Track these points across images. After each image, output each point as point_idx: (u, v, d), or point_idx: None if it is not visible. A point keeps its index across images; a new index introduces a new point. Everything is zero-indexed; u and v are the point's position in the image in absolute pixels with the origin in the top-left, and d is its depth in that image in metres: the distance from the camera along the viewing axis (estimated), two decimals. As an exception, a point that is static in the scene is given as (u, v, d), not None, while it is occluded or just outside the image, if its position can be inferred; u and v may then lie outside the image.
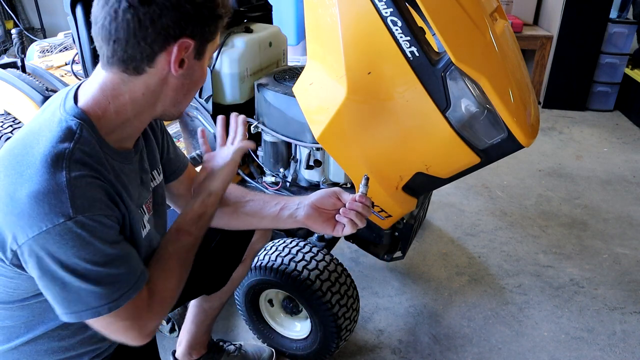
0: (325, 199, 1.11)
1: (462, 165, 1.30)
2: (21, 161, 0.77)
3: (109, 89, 0.84)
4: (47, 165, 0.76)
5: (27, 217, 0.74)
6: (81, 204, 0.76)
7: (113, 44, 0.79)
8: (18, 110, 1.84)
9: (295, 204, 1.14)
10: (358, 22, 1.19)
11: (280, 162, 1.71)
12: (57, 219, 0.74)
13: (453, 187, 2.74)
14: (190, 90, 0.90)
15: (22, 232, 0.75)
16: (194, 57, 0.85)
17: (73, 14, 1.65)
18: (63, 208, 0.74)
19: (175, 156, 1.17)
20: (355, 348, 1.73)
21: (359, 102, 1.25)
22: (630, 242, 2.35)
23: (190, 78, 0.87)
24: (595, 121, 3.84)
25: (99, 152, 0.84)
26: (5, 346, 0.94)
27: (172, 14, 0.77)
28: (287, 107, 1.54)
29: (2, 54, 4.54)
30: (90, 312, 0.81)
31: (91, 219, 0.77)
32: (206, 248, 1.28)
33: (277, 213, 1.16)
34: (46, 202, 0.74)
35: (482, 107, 1.16)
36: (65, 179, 0.76)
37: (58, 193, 0.75)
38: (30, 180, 0.75)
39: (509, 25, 1.38)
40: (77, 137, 0.80)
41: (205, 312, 1.45)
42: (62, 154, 0.77)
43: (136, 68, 0.81)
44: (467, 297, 1.97)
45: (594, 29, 3.72)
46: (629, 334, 1.81)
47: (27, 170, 0.76)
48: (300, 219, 1.12)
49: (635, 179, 2.96)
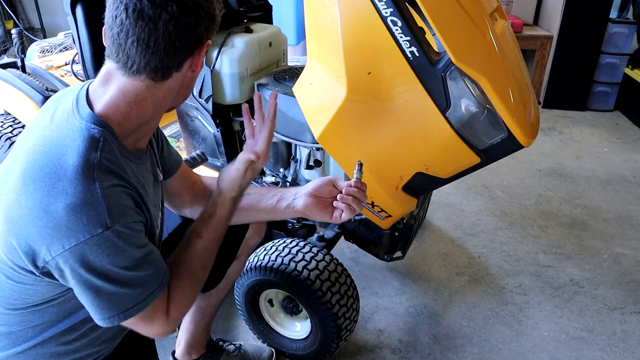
0: (322, 187, 1.12)
1: (462, 165, 1.30)
2: (50, 173, 0.77)
3: (132, 96, 0.84)
4: (80, 177, 0.77)
5: (65, 229, 0.75)
6: (117, 213, 0.79)
7: (151, 55, 0.79)
8: (18, 110, 1.84)
9: (292, 195, 1.15)
10: (358, 22, 1.19)
11: (280, 162, 1.71)
12: (96, 229, 0.76)
13: (453, 187, 2.74)
14: (193, 82, 0.94)
15: (58, 244, 0.76)
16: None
17: (73, 14, 1.65)
18: (101, 218, 0.76)
19: (169, 154, 1.18)
20: (355, 348, 1.73)
21: (359, 102, 1.25)
22: (630, 242, 2.35)
23: (194, 75, 0.92)
24: (595, 121, 3.84)
25: (120, 158, 0.85)
26: (11, 351, 0.94)
27: (207, 22, 0.82)
28: (287, 107, 1.54)
29: (2, 54, 4.54)
30: (122, 315, 0.84)
31: (126, 227, 0.80)
32: None
33: (274, 204, 1.16)
34: (84, 213, 0.76)
35: (482, 107, 1.16)
36: (100, 189, 0.77)
37: (95, 204, 0.76)
38: (64, 192, 0.76)
39: (509, 25, 1.38)
40: (102, 145, 0.81)
41: (203, 311, 1.45)
42: (92, 165, 0.78)
43: (165, 75, 0.84)
44: (467, 297, 1.97)
45: (594, 29, 3.72)
46: (629, 334, 1.81)
47: (59, 183, 0.76)
48: (299, 209, 1.13)
49: (635, 179, 2.96)
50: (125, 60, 0.81)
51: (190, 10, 0.79)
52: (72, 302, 0.89)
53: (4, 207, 0.81)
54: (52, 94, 1.77)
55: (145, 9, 0.76)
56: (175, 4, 0.77)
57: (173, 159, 1.19)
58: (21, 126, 1.86)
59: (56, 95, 0.94)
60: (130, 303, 0.84)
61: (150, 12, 0.76)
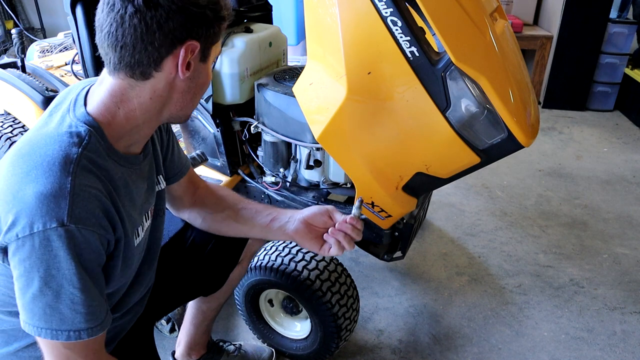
0: (317, 215, 1.11)
1: (462, 165, 1.30)
2: (28, 161, 0.77)
3: (117, 95, 0.84)
4: (54, 169, 0.76)
5: (26, 215, 0.74)
6: (78, 214, 0.76)
7: (120, 49, 0.78)
8: (18, 110, 1.84)
9: (286, 217, 1.14)
10: (358, 22, 1.19)
11: (280, 162, 1.71)
12: (51, 222, 0.74)
13: (453, 187, 2.74)
14: (196, 93, 0.89)
15: (17, 228, 0.75)
16: (199, 60, 0.85)
17: (73, 14, 1.65)
18: (60, 213, 0.74)
19: (178, 160, 1.17)
20: (355, 348, 1.73)
21: (359, 102, 1.25)
22: (630, 242, 2.34)
23: (196, 81, 0.87)
24: (595, 121, 3.84)
25: (106, 160, 0.84)
26: (4, 350, 0.94)
27: (179, 17, 0.77)
28: (287, 107, 1.54)
29: (2, 54, 4.54)
30: (51, 332, 0.79)
31: (80, 232, 0.76)
32: (203, 250, 1.28)
33: (267, 224, 1.16)
34: (46, 204, 0.74)
35: (482, 107, 1.16)
36: (70, 185, 0.76)
37: (59, 198, 0.75)
38: (36, 180, 0.75)
39: (509, 25, 1.38)
40: (85, 144, 0.80)
41: (204, 313, 1.45)
42: (71, 160, 0.77)
43: (143, 73, 0.81)
44: (467, 297, 1.97)
45: (594, 29, 3.72)
46: (629, 334, 1.81)
47: (35, 171, 0.76)
48: (289, 233, 1.13)
49: (635, 179, 2.96)
50: (105, 56, 0.82)
51: (157, 5, 0.75)
52: None
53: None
54: (52, 93, 1.77)
55: (115, 3, 0.76)
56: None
57: (182, 165, 1.18)
58: (21, 126, 1.86)
59: (63, 92, 0.94)
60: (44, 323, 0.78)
61: (118, 6, 0.76)
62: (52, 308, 0.78)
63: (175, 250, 1.28)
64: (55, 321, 0.78)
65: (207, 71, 0.89)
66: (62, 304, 0.78)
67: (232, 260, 1.34)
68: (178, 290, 1.31)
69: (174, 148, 1.15)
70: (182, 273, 1.29)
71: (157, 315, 1.32)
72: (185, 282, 1.31)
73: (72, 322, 0.79)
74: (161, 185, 1.09)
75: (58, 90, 1.81)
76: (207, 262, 1.30)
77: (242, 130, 1.78)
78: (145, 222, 1.00)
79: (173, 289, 1.29)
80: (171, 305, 1.35)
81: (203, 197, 1.24)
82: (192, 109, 0.92)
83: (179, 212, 1.26)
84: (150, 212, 1.02)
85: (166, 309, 1.35)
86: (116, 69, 0.81)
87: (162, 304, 1.28)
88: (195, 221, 1.25)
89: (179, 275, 1.29)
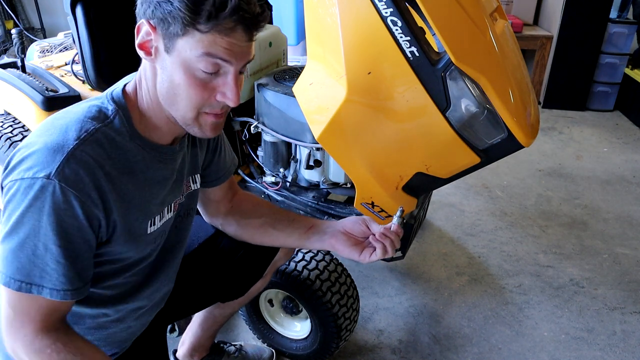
0: (355, 226, 1.12)
1: (462, 165, 1.30)
2: (54, 122, 0.82)
3: (140, 74, 0.88)
4: (68, 130, 0.79)
5: (24, 162, 0.77)
6: (66, 174, 0.76)
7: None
8: (18, 110, 1.84)
9: (325, 227, 1.15)
10: (358, 22, 1.18)
11: (280, 162, 1.71)
12: (39, 172, 0.75)
13: (453, 187, 2.74)
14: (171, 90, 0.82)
15: (14, 173, 0.78)
16: (164, 49, 0.79)
17: (73, 14, 1.65)
18: (50, 166, 0.75)
19: (224, 162, 1.17)
20: (355, 348, 1.73)
21: (359, 102, 1.25)
22: (630, 242, 2.34)
23: (166, 73, 0.81)
24: (595, 121, 3.84)
25: (127, 141, 0.85)
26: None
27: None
28: (287, 107, 1.54)
29: (2, 54, 4.54)
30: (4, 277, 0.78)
31: (62, 191, 0.75)
32: (231, 258, 1.27)
33: (304, 232, 1.16)
34: (44, 154, 0.76)
35: (482, 107, 1.16)
36: (73, 146, 0.77)
37: (57, 153, 0.76)
38: (49, 135, 0.79)
39: (509, 25, 1.38)
40: (108, 122, 0.83)
41: (215, 318, 1.44)
42: (86, 128, 0.80)
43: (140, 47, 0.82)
44: (467, 297, 1.97)
45: (594, 29, 3.72)
46: (629, 334, 1.81)
47: (52, 128, 0.80)
48: (328, 242, 1.13)
49: (635, 179, 2.96)
50: None
51: None
52: None
53: None
54: (52, 94, 1.76)
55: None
56: None
57: (226, 170, 1.18)
58: (21, 126, 1.86)
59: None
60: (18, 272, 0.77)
61: None
62: (14, 254, 0.78)
63: (202, 257, 1.27)
64: (13, 268, 0.78)
65: (178, 68, 0.79)
66: (23, 252, 0.78)
67: (257, 272, 1.33)
68: (198, 295, 1.30)
69: (222, 152, 1.15)
70: (206, 279, 1.28)
71: (173, 317, 1.31)
72: (207, 288, 1.30)
73: (27, 274, 0.78)
74: (195, 185, 1.08)
75: (58, 90, 1.81)
76: (232, 270, 1.28)
77: (242, 130, 1.78)
78: (167, 213, 0.98)
79: (193, 294, 1.28)
80: (188, 309, 1.34)
81: (240, 202, 1.24)
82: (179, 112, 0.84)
83: (213, 218, 1.24)
84: (174, 205, 1.00)
85: (183, 313, 1.34)
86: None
87: (180, 308, 1.27)
88: (229, 227, 1.23)
89: (202, 281, 1.28)
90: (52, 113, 1.80)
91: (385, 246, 1.06)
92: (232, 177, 1.23)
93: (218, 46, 0.77)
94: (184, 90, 0.81)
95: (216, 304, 1.39)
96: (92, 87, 1.84)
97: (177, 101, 0.83)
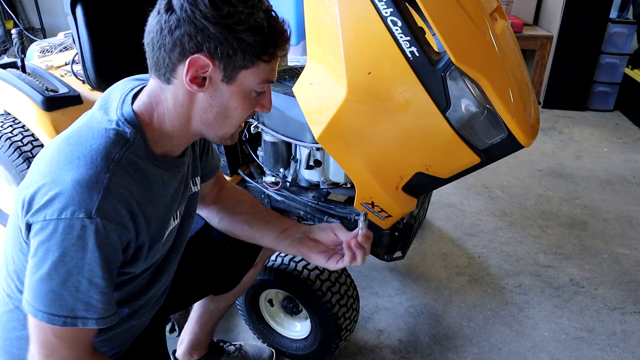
0: (324, 233, 1.14)
1: (462, 165, 1.30)
2: (74, 150, 0.80)
3: (152, 96, 0.87)
4: (96, 162, 0.79)
5: (57, 200, 0.76)
6: (106, 210, 0.78)
7: (150, 49, 0.83)
8: (18, 110, 1.84)
9: (296, 232, 1.17)
10: (358, 22, 1.18)
11: (280, 162, 1.71)
12: (79, 212, 0.76)
13: (453, 187, 2.74)
14: (222, 115, 0.87)
15: (45, 211, 0.77)
16: (221, 80, 0.83)
17: (73, 14, 1.65)
18: (90, 205, 0.76)
19: (211, 159, 1.18)
20: (355, 348, 1.73)
21: (359, 102, 1.25)
22: (630, 242, 2.35)
23: (220, 101, 0.85)
24: (595, 121, 3.84)
25: (147, 163, 0.86)
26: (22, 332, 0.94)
27: (187, 27, 0.77)
28: (287, 107, 1.54)
29: (2, 54, 4.54)
30: (48, 317, 0.80)
31: (104, 227, 0.78)
32: (220, 249, 1.29)
33: (277, 235, 1.19)
34: (80, 192, 0.76)
35: (482, 107, 1.16)
36: (107, 181, 0.78)
37: (93, 190, 0.77)
38: (77, 168, 0.78)
39: (509, 25, 1.38)
40: (129, 145, 0.83)
41: (211, 313, 1.45)
42: (112, 157, 0.80)
43: (164, 75, 0.83)
44: (467, 297, 1.97)
45: (594, 29, 3.72)
46: (629, 334, 1.81)
47: (77, 160, 0.79)
48: (297, 247, 1.16)
49: (635, 179, 2.96)
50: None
51: (172, 10, 0.77)
52: None
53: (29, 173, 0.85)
54: (52, 94, 1.76)
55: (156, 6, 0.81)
56: (166, 1, 0.79)
57: (213, 166, 1.20)
58: (21, 126, 1.86)
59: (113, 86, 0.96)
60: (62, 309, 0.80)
61: (157, 8, 0.81)
62: (55, 293, 0.79)
63: (193, 248, 1.28)
64: (55, 306, 0.79)
65: (237, 95, 0.85)
66: (66, 290, 0.79)
67: (248, 262, 1.35)
68: (191, 287, 1.32)
69: (209, 149, 1.16)
70: (198, 271, 1.30)
71: (168, 311, 1.32)
72: (199, 279, 1.32)
73: (71, 309, 0.80)
74: (196, 188, 1.09)
75: (58, 90, 1.81)
76: (223, 261, 1.31)
77: (241, 130, 1.78)
78: (173, 222, 1.00)
79: (187, 286, 1.30)
80: (182, 302, 1.36)
81: (224, 197, 1.26)
82: (223, 131, 0.91)
83: (199, 210, 1.27)
84: (179, 213, 1.03)
85: (177, 306, 1.35)
86: (150, 69, 0.85)
87: (174, 301, 1.28)
88: (213, 220, 1.27)
89: (194, 272, 1.30)
90: (52, 113, 1.81)
91: (353, 254, 1.08)
92: (220, 173, 1.26)
93: (273, 71, 0.87)
94: (238, 113, 0.89)
95: (210, 298, 1.40)
96: (92, 87, 1.84)
97: (226, 123, 0.89)
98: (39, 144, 1.82)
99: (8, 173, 1.89)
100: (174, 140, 0.91)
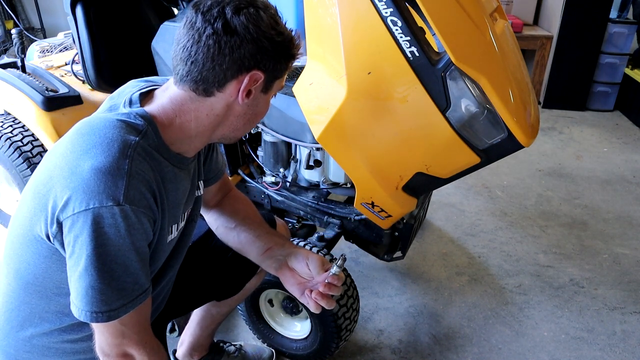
0: (299, 264, 1.10)
1: (462, 165, 1.30)
2: (88, 140, 0.81)
3: (177, 104, 0.88)
4: (114, 149, 0.79)
5: (82, 191, 0.76)
6: (133, 195, 0.78)
7: (190, 64, 0.83)
8: (18, 110, 1.84)
9: (278, 254, 1.14)
10: (358, 22, 1.19)
11: (280, 162, 1.71)
12: (107, 201, 0.76)
13: (453, 187, 2.74)
14: (250, 120, 0.94)
15: (72, 205, 0.77)
16: (260, 90, 0.89)
17: (73, 14, 1.65)
18: (116, 193, 0.77)
19: (216, 162, 1.19)
20: (355, 348, 1.73)
21: (359, 102, 1.25)
22: (630, 242, 2.35)
23: (254, 109, 0.92)
24: (595, 121, 3.84)
25: (159, 156, 0.87)
26: (20, 334, 0.95)
27: (251, 47, 0.82)
28: (287, 107, 1.54)
29: (2, 54, 4.54)
30: (91, 315, 0.82)
31: (134, 213, 0.79)
32: (224, 255, 1.28)
33: (261, 253, 1.16)
34: (103, 180, 0.77)
35: (482, 107, 1.16)
36: (128, 167, 0.79)
37: (117, 177, 0.77)
38: (95, 157, 0.78)
39: (509, 25, 1.38)
40: (143, 134, 0.84)
41: (212, 317, 1.45)
42: (129, 144, 0.81)
43: (205, 90, 0.85)
44: (467, 297, 1.97)
45: (594, 29, 3.72)
46: (629, 334, 1.81)
47: (93, 149, 0.79)
48: (277, 271, 1.14)
49: (635, 179, 2.96)
50: (174, 67, 0.87)
51: (233, 32, 0.81)
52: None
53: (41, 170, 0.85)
54: (52, 94, 1.76)
55: (197, 22, 0.82)
56: (222, 22, 0.80)
57: (218, 169, 1.20)
58: (21, 126, 1.86)
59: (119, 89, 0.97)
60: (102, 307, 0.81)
61: (198, 25, 0.81)
62: (95, 289, 0.80)
63: (196, 254, 1.28)
64: (96, 303, 0.81)
65: (266, 102, 0.94)
66: (104, 283, 0.80)
67: (251, 269, 1.34)
68: (194, 292, 1.31)
69: (215, 151, 1.17)
70: (201, 276, 1.30)
71: (170, 316, 1.32)
72: (202, 285, 1.31)
73: (130, 294, 0.83)
74: (200, 192, 1.10)
75: (58, 90, 1.81)
76: (226, 268, 1.30)
77: (242, 130, 1.78)
78: (181, 222, 1.01)
79: (190, 291, 1.29)
80: (185, 307, 1.35)
81: (224, 205, 1.25)
82: (243, 133, 0.98)
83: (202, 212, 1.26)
84: (187, 214, 1.04)
85: (180, 311, 1.35)
86: (182, 81, 0.86)
87: (176, 306, 1.28)
88: (212, 225, 1.26)
89: (197, 277, 1.29)
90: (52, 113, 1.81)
91: (315, 301, 1.04)
92: (226, 177, 1.25)
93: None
94: (261, 115, 0.96)
95: (212, 302, 1.40)
96: (92, 87, 1.84)
97: (249, 126, 0.96)
98: (39, 144, 1.82)
99: (8, 173, 1.89)
100: (192, 144, 0.94)
